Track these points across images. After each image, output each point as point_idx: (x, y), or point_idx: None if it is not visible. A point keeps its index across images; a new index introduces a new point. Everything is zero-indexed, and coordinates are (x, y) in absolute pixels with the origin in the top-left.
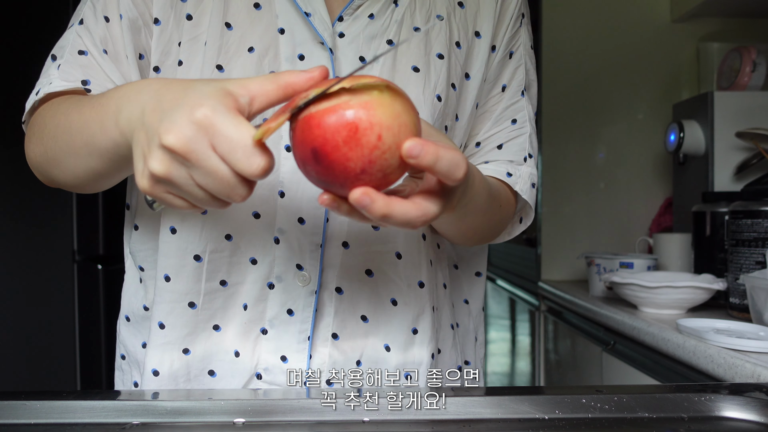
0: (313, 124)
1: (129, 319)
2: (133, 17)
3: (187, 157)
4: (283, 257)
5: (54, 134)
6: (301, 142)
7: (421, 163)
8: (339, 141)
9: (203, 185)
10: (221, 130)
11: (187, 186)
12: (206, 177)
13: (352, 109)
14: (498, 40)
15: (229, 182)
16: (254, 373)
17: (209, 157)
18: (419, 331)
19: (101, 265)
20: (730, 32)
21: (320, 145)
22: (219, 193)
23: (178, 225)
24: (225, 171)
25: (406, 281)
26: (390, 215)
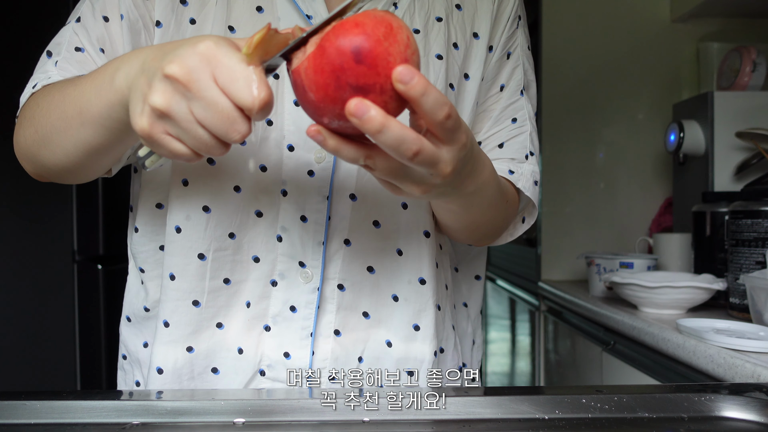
0: (348, 27)
1: (130, 320)
2: (134, 18)
3: (188, 86)
4: (286, 255)
5: (47, 111)
6: (336, 51)
7: (408, 92)
8: (380, 36)
9: (203, 120)
10: (223, 61)
11: (186, 122)
12: (206, 110)
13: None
14: (495, 40)
15: (228, 115)
16: (258, 369)
17: (210, 87)
18: (421, 328)
19: (101, 265)
20: (730, 32)
21: (361, 42)
22: (218, 129)
23: (183, 224)
24: (225, 102)
25: (407, 277)
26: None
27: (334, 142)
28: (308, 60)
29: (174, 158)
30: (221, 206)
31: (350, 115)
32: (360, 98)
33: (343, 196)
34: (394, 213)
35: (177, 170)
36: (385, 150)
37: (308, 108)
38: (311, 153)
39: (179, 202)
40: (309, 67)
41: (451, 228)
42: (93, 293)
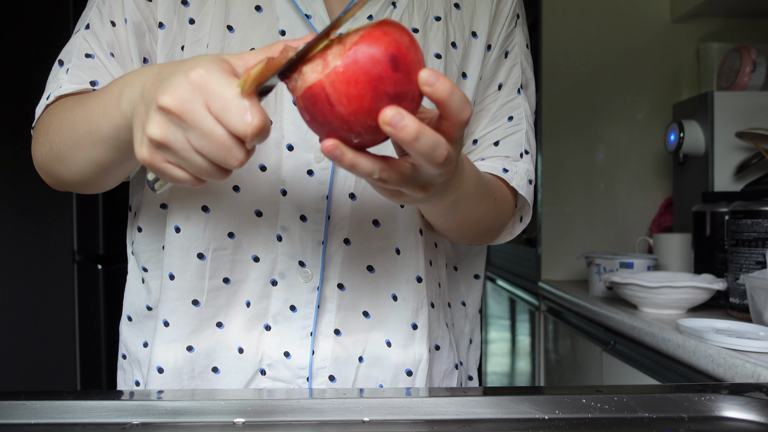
0: (378, 35)
1: (131, 319)
2: (138, 21)
3: (182, 117)
4: (286, 254)
5: (59, 129)
6: (372, 60)
7: (435, 93)
8: (407, 43)
9: (200, 149)
10: (215, 89)
11: (184, 151)
12: (202, 139)
13: (391, 22)
14: (493, 39)
15: (224, 143)
16: (258, 368)
17: (204, 117)
18: (419, 327)
19: (101, 265)
20: (730, 32)
21: (396, 50)
22: (216, 157)
23: (182, 224)
24: (220, 132)
25: (405, 276)
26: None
27: (351, 156)
28: (336, 73)
29: (178, 184)
30: (220, 206)
31: (385, 125)
32: (395, 107)
33: (342, 196)
34: (392, 212)
35: None
36: (416, 156)
37: (331, 123)
38: (311, 152)
39: (179, 202)
40: (338, 80)
41: (442, 228)
42: (93, 293)
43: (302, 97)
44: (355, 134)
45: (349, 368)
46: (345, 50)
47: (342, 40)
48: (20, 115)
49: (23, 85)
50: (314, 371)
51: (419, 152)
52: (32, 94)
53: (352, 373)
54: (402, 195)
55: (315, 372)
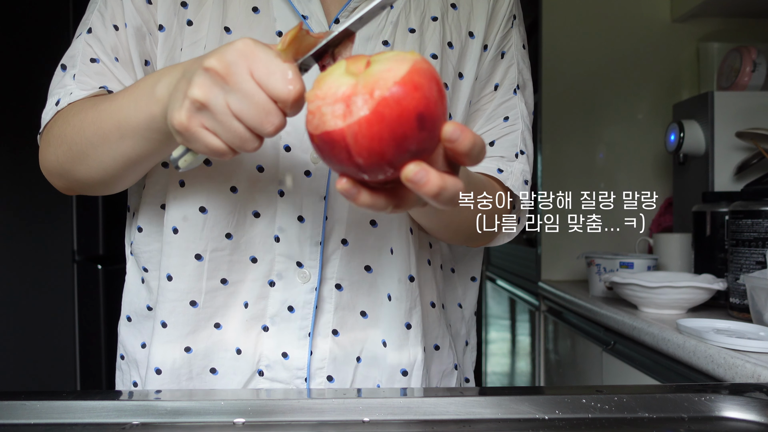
0: (409, 90)
1: (130, 320)
2: (137, 25)
3: (226, 78)
4: (284, 255)
5: (80, 128)
6: (398, 118)
7: (457, 148)
8: (435, 96)
9: (238, 113)
10: (260, 56)
11: (222, 114)
12: (242, 101)
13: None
14: (490, 39)
15: (264, 107)
16: (256, 369)
17: (247, 80)
18: (412, 326)
19: (101, 265)
20: (730, 32)
21: (425, 108)
22: (253, 122)
23: (180, 225)
24: (261, 95)
25: (398, 276)
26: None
27: (366, 198)
28: (360, 125)
29: (209, 153)
30: (218, 207)
31: (408, 181)
32: (418, 163)
33: (340, 196)
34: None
35: (174, 171)
36: (434, 204)
37: (345, 167)
38: (308, 153)
39: (176, 203)
40: (361, 134)
41: (431, 228)
42: (93, 293)
43: (319, 138)
44: (369, 178)
45: (347, 368)
46: (371, 100)
47: (368, 85)
48: (20, 116)
49: (23, 86)
50: (312, 371)
51: (440, 203)
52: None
53: (350, 373)
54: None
55: (313, 372)
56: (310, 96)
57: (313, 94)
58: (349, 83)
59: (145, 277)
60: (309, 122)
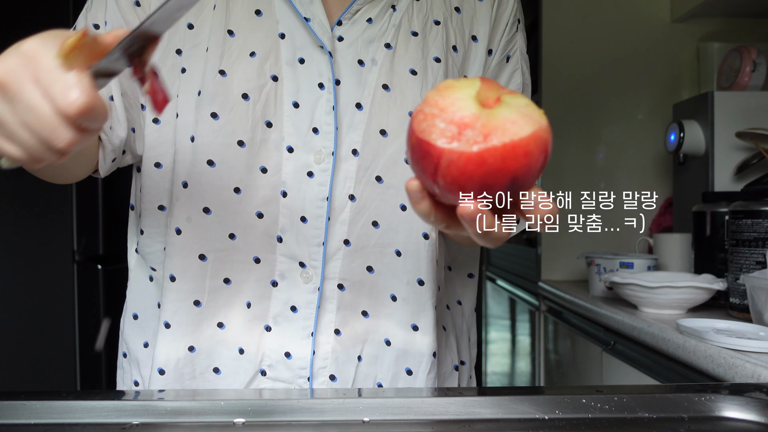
0: (518, 153)
1: (136, 317)
2: (118, 25)
3: (7, 88)
4: (286, 255)
5: None
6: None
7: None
8: (537, 165)
9: (27, 124)
10: (43, 62)
11: (11, 124)
12: (28, 113)
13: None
14: (494, 44)
15: (49, 120)
16: (259, 369)
17: (29, 90)
18: (420, 328)
19: (101, 265)
20: (730, 32)
21: (524, 174)
22: (41, 135)
23: (183, 226)
24: (45, 107)
25: (406, 278)
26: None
27: (426, 207)
28: (459, 157)
29: (13, 161)
30: (221, 208)
31: (461, 216)
32: (476, 206)
33: (342, 197)
34: (393, 214)
35: (178, 172)
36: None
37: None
38: (310, 154)
39: (179, 204)
40: (456, 164)
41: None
42: (93, 293)
43: (417, 140)
44: (437, 196)
45: (349, 367)
46: (483, 143)
47: (487, 127)
48: None
49: None
50: (315, 371)
51: (482, 242)
52: None
53: (352, 371)
54: None
55: (316, 372)
56: (432, 98)
57: (435, 99)
58: (473, 112)
59: (153, 275)
60: (416, 119)
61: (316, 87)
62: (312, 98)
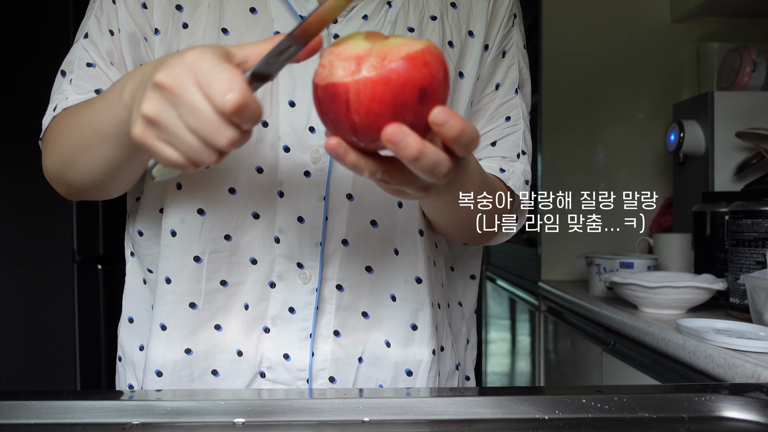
0: (418, 65)
1: (132, 321)
2: (131, 31)
3: (173, 92)
4: (284, 256)
5: (67, 133)
6: (403, 86)
7: (443, 133)
8: (441, 79)
9: (190, 125)
10: (204, 67)
11: (174, 127)
12: (191, 115)
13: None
14: (491, 39)
15: (212, 120)
16: (258, 371)
17: (193, 92)
18: (419, 327)
19: (101, 265)
20: (730, 32)
21: (429, 84)
22: (204, 134)
23: (177, 227)
24: (207, 107)
25: (404, 277)
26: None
27: (354, 158)
28: (365, 84)
29: (170, 166)
30: (216, 208)
31: (387, 141)
32: (398, 124)
33: (340, 197)
34: (390, 212)
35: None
36: (417, 173)
37: (340, 124)
38: (307, 154)
39: (174, 205)
40: (364, 91)
41: (442, 225)
42: (93, 293)
43: (322, 89)
44: (359, 140)
45: (349, 369)
46: (381, 63)
47: (382, 52)
48: (20, 117)
49: (23, 89)
50: (314, 373)
51: (420, 169)
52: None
53: (352, 373)
54: (404, 194)
55: (315, 373)
56: (326, 52)
57: (329, 50)
58: (365, 47)
59: (147, 278)
60: (317, 74)
61: (312, 85)
62: (308, 97)
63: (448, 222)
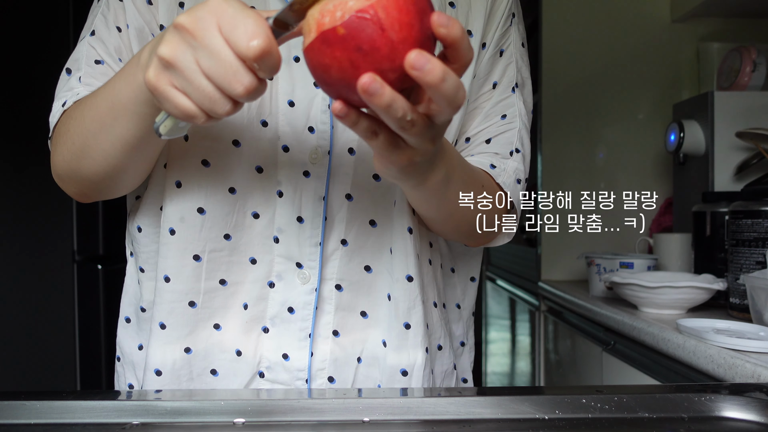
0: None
1: (129, 321)
2: (139, 26)
3: (194, 34)
4: (283, 256)
5: (81, 119)
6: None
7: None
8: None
9: (206, 70)
10: (228, 12)
11: (190, 71)
12: (209, 58)
13: None
14: (488, 37)
15: (230, 64)
16: (257, 371)
17: (213, 35)
18: (412, 326)
19: (101, 265)
20: (730, 32)
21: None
22: (221, 80)
23: (177, 226)
24: (227, 51)
25: (397, 275)
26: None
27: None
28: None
29: (181, 116)
30: (216, 207)
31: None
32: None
33: (339, 196)
34: (388, 211)
35: (171, 172)
36: (439, 99)
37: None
38: (306, 153)
39: (173, 204)
40: (390, 6)
41: (434, 219)
42: (93, 293)
43: (346, 25)
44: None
45: (348, 369)
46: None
47: None
48: (20, 118)
49: (23, 90)
50: (313, 373)
51: (444, 94)
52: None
53: (351, 374)
54: (405, 152)
55: (314, 374)
56: (319, 9)
57: (317, 10)
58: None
59: (140, 277)
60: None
61: (311, 85)
62: (307, 97)
63: (439, 214)
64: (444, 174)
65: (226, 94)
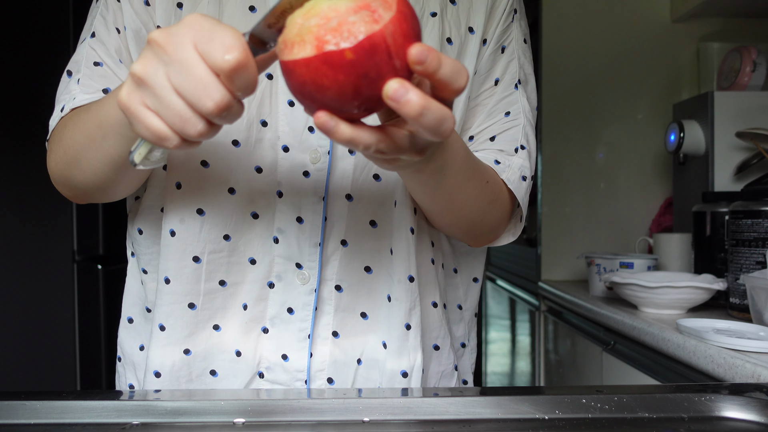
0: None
1: (131, 321)
2: (136, 28)
3: (165, 48)
4: (283, 257)
5: (73, 131)
6: (414, 18)
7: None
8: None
9: (177, 86)
10: (205, 26)
11: (161, 88)
12: (180, 73)
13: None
14: (489, 34)
15: (202, 78)
16: (256, 372)
17: (186, 49)
18: (412, 327)
19: (101, 265)
20: (730, 32)
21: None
22: (192, 96)
23: (177, 227)
24: (199, 64)
25: (397, 276)
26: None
27: (347, 129)
28: (393, 24)
29: (152, 139)
30: (216, 209)
31: (388, 99)
32: (398, 79)
33: (339, 197)
34: (388, 212)
35: (171, 173)
36: (421, 132)
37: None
38: (306, 154)
39: (173, 205)
40: (396, 32)
41: (433, 211)
42: (93, 293)
43: (356, 50)
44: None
45: (348, 371)
46: (388, 4)
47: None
48: (21, 118)
49: (24, 90)
50: (312, 374)
51: (426, 126)
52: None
53: (350, 375)
54: (398, 161)
55: (313, 375)
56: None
57: (313, 23)
58: (349, 2)
59: (143, 279)
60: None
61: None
62: None
63: (438, 204)
64: (441, 162)
65: (198, 111)
